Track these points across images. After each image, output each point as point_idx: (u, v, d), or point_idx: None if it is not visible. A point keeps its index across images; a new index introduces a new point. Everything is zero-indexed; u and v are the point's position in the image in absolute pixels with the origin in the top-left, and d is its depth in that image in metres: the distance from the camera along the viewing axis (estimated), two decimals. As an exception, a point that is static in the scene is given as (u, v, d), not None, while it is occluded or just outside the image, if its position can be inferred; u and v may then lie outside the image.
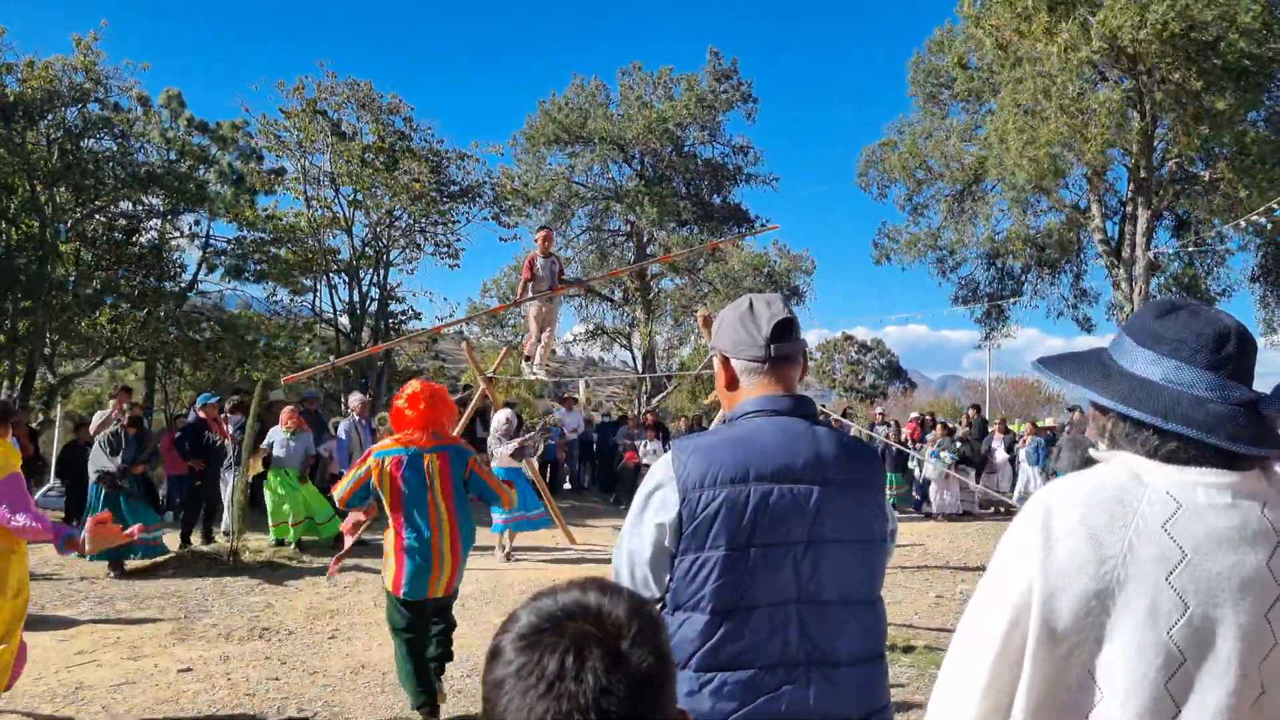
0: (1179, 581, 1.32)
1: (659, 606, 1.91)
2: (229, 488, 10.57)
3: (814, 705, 1.83)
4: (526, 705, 0.90)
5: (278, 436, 10.70)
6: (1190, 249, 22.35)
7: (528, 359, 11.56)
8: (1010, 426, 17.40)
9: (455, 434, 5.35)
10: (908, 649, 6.76)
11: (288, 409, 11.11)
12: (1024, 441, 15.67)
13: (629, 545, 1.97)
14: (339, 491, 4.86)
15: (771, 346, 2.01)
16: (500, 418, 10.54)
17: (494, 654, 0.97)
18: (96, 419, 10.75)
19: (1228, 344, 1.42)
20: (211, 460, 10.83)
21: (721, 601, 1.84)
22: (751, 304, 2.08)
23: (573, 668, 0.91)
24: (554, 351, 11.98)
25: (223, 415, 11.30)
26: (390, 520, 4.80)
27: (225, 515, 10.64)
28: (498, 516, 10.18)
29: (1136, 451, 1.44)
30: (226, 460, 10.67)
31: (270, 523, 10.50)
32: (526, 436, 10.67)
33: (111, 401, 10.91)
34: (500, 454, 10.26)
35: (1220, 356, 1.41)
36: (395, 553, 4.76)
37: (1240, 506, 1.36)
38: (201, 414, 10.97)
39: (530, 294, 10.87)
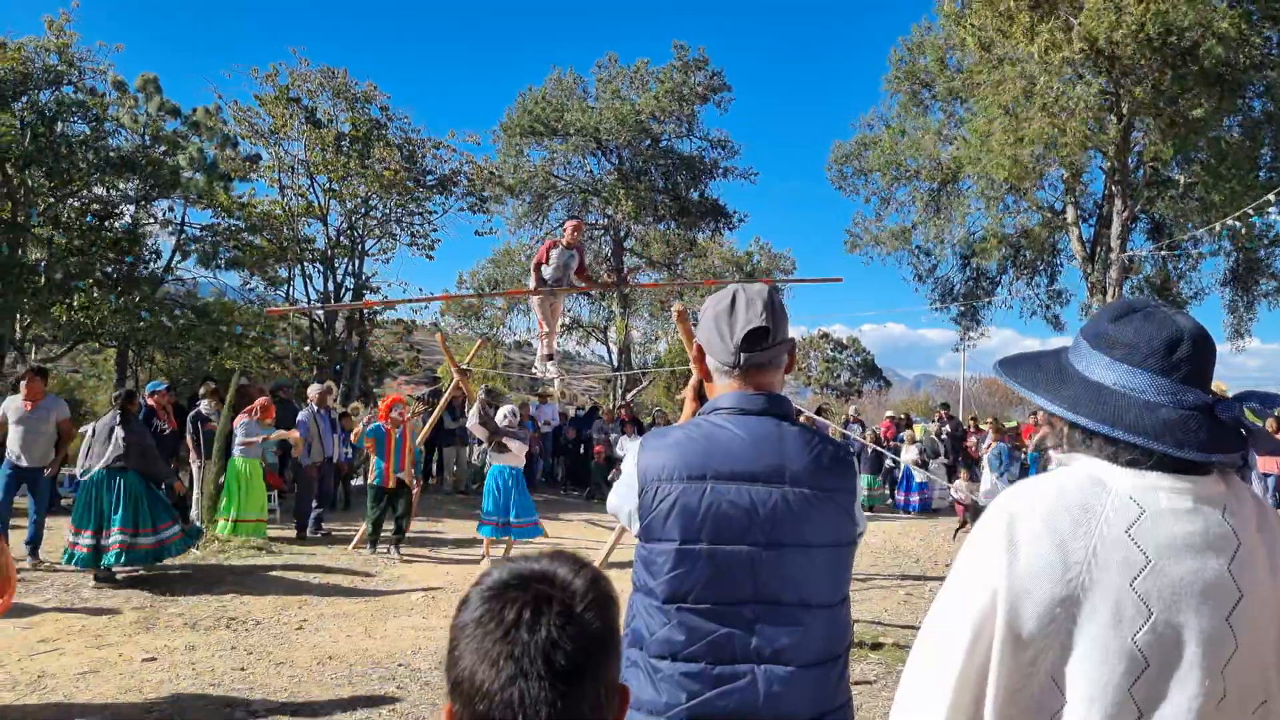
0: (1142, 587, 1.31)
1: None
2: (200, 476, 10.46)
3: (763, 703, 1.81)
4: (484, 648, 1.03)
5: (253, 428, 10.28)
6: (1164, 252, 22.52)
7: (548, 358, 11.28)
8: (981, 425, 17.47)
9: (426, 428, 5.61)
10: (876, 645, 6.80)
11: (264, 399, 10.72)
12: (989, 445, 15.65)
13: (618, 492, 2.03)
14: None
15: (741, 355, 1.97)
16: (504, 410, 10.22)
17: (463, 601, 1.11)
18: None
19: (1180, 347, 1.40)
20: (160, 449, 10.61)
21: (673, 593, 1.85)
22: (732, 303, 2.00)
23: (529, 620, 1.03)
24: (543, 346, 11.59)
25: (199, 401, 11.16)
26: None
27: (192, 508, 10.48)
28: (492, 520, 9.95)
29: (1095, 456, 1.43)
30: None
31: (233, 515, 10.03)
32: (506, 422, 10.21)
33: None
34: (500, 444, 9.98)
35: (1172, 360, 1.40)
36: None
37: (1201, 511, 1.36)
38: (150, 402, 10.77)
39: (534, 284, 10.44)
